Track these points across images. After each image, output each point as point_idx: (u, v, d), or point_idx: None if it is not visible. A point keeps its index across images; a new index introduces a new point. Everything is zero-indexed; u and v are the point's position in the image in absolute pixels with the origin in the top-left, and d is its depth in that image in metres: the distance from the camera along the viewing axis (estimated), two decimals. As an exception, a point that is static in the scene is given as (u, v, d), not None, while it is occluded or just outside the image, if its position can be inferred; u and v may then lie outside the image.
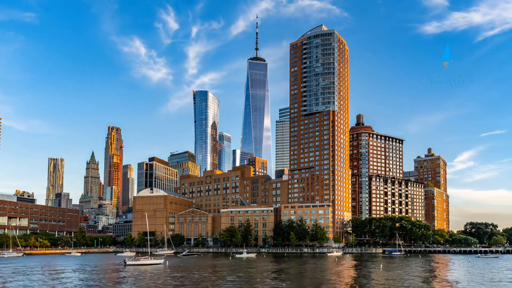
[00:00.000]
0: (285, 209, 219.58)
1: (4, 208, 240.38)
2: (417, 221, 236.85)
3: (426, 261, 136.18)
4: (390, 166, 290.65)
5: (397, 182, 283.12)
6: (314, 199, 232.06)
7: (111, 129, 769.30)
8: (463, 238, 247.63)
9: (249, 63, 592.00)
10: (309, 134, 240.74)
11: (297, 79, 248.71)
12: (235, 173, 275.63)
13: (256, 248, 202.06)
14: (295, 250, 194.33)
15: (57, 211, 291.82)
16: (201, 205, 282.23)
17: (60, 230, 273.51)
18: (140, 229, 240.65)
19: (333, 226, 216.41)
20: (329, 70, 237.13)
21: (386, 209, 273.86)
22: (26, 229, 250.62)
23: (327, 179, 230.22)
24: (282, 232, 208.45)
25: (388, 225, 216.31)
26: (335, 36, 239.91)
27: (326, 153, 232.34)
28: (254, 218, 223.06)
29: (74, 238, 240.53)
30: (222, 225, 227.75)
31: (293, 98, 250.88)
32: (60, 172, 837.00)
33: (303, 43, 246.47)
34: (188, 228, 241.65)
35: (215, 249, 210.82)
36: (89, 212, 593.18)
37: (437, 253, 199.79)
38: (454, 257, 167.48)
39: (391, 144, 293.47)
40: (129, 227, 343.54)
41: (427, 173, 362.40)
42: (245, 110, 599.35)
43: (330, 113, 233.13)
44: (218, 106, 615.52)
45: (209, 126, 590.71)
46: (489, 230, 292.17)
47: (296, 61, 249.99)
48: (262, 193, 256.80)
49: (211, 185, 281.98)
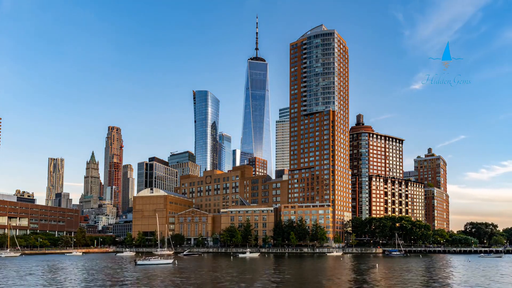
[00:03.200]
0: (285, 209, 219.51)
1: (4, 208, 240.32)
2: (417, 221, 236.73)
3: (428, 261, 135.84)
4: (390, 166, 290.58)
5: (397, 182, 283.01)
6: (314, 199, 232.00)
7: (111, 129, 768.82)
8: (463, 238, 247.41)
9: (249, 63, 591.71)
10: (309, 134, 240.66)
11: (297, 79, 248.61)
12: (235, 173, 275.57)
13: (256, 248, 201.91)
14: (295, 250, 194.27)
15: (57, 211, 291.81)
16: (201, 205, 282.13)
17: (60, 230, 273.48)
18: (140, 229, 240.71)
19: (333, 226, 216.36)
20: (329, 70, 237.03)
21: (386, 209, 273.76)
22: (26, 229, 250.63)
23: (327, 179, 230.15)
24: (282, 232, 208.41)
25: (388, 225, 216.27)
26: (335, 36, 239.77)
27: (326, 153, 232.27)
28: (254, 218, 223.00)
29: (74, 238, 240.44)
30: (222, 225, 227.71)
31: (293, 98, 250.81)
32: (60, 172, 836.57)
33: (303, 43, 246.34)
34: (188, 228, 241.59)
35: (215, 249, 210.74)
36: (89, 212, 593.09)
37: (437, 253, 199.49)
38: (455, 257, 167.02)
39: (391, 144, 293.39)
40: (129, 227, 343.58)
41: (427, 173, 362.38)
42: (245, 110, 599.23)
43: (330, 113, 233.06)
44: (218, 106, 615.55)
45: (209, 126, 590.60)
46: (489, 230, 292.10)
47: (296, 61, 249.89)
48: (262, 193, 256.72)
49: (211, 185, 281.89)
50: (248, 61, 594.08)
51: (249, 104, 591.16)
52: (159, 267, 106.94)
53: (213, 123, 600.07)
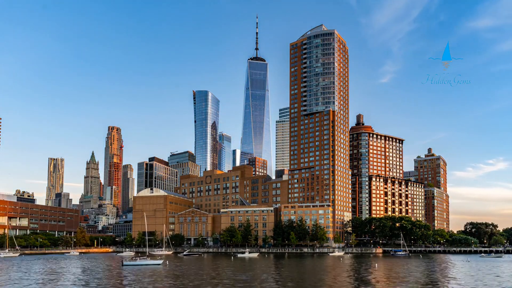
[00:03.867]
0: (285, 209, 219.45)
1: (4, 208, 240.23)
2: (417, 221, 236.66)
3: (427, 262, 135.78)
4: (390, 166, 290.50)
5: (397, 182, 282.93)
6: (314, 199, 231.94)
7: (111, 129, 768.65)
8: (463, 238, 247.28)
9: (249, 63, 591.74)
10: (309, 134, 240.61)
11: (297, 79, 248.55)
12: (235, 173, 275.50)
13: (256, 248, 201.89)
14: (295, 250, 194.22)
15: (57, 211, 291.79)
16: (201, 205, 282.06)
17: (60, 230, 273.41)
18: (140, 229, 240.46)
19: (333, 226, 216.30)
20: (329, 70, 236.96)
21: (386, 209, 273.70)
22: (26, 229, 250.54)
23: (327, 179, 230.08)
24: (282, 232, 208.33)
25: (388, 225, 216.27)
26: (335, 36, 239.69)
27: (326, 153, 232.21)
28: (254, 218, 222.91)
29: (74, 238, 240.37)
30: (222, 225, 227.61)
31: (293, 98, 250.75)
32: (60, 172, 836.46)
33: (303, 43, 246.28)
34: (188, 228, 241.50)
35: (215, 249, 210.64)
36: (89, 212, 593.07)
37: (437, 253, 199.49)
38: (455, 257, 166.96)
39: (391, 144, 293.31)
40: (129, 227, 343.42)
41: (427, 173, 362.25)
42: (245, 110, 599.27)
43: (330, 113, 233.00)
44: (218, 106, 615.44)
45: (209, 126, 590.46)
46: (489, 230, 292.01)
47: (296, 61, 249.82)
48: (262, 193, 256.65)
49: (211, 185, 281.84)
50: (248, 61, 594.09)
51: (249, 104, 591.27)
52: (147, 268, 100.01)
53: (213, 123, 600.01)
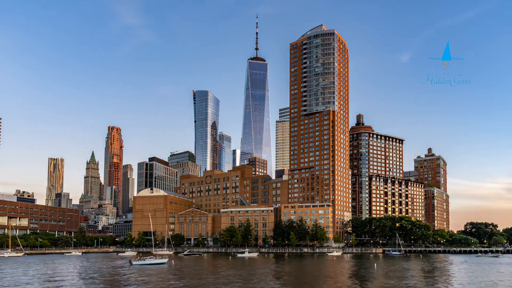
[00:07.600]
0: (285, 209, 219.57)
1: (4, 208, 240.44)
2: (417, 221, 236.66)
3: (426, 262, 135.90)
4: (390, 166, 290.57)
5: (397, 182, 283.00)
6: (314, 199, 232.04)
7: (111, 129, 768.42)
8: (463, 238, 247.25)
9: (249, 63, 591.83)
10: (309, 134, 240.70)
11: (297, 79, 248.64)
12: (235, 173, 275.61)
13: (256, 248, 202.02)
14: (295, 250, 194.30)
15: (57, 211, 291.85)
16: (201, 205, 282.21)
17: (60, 230, 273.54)
18: (140, 229, 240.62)
19: (333, 226, 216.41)
20: (329, 70, 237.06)
21: (386, 209, 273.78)
22: (26, 229, 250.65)
23: (327, 179, 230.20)
24: (282, 232, 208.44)
25: (388, 225, 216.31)
26: (335, 36, 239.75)
27: (326, 153, 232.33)
28: (254, 218, 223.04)
29: (74, 238, 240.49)
30: (222, 225, 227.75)
31: (293, 98, 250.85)
32: (60, 172, 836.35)
33: (303, 43, 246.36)
34: (188, 228, 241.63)
35: (215, 249, 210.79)
36: (89, 212, 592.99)
37: (437, 253, 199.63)
38: (454, 257, 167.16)
39: (391, 144, 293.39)
40: (129, 227, 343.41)
41: (427, 173, 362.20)
42: (245, 110, 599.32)
43: (330, 113, 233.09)
44: (218, 106, 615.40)
45: (209, 126, 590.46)
46: (489, 230, 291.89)
47: (296, 61, 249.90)
48: (262, 193, 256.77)
49: (211, 185, 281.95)
50: (248, 61, 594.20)
51: (249, 104, 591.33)
52: (154, 267, 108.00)
53: (213, 123, 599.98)
